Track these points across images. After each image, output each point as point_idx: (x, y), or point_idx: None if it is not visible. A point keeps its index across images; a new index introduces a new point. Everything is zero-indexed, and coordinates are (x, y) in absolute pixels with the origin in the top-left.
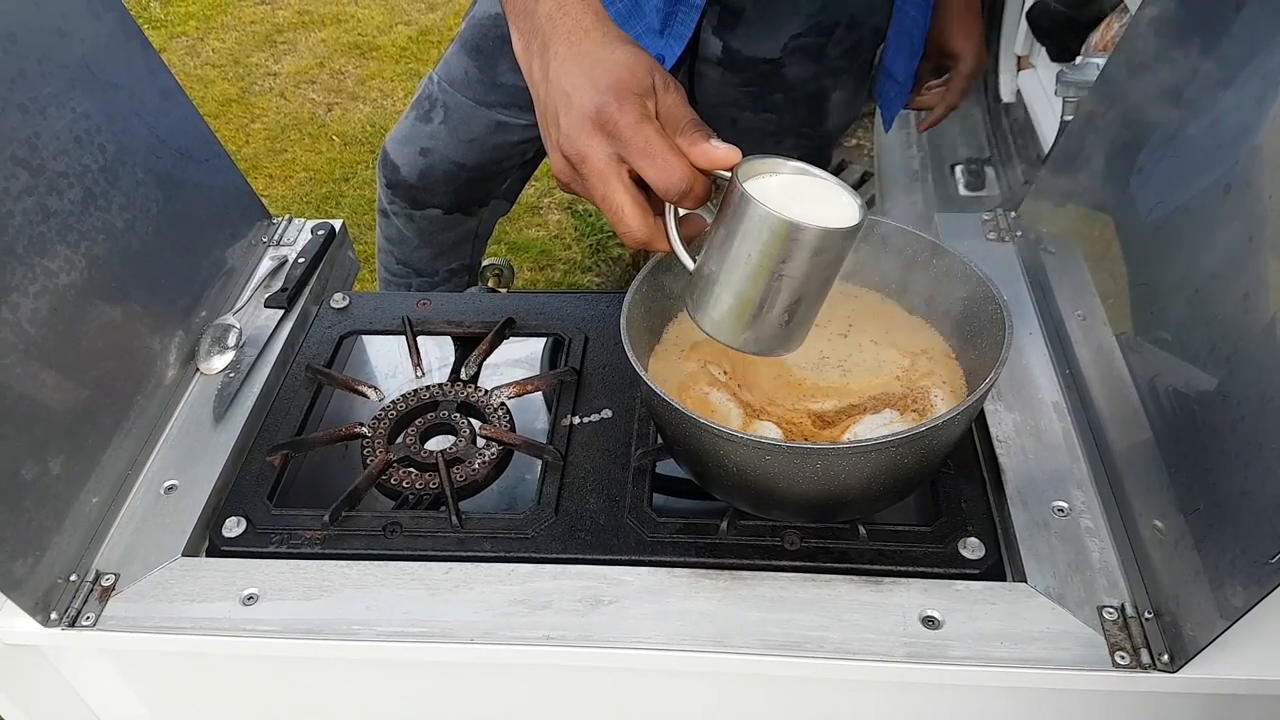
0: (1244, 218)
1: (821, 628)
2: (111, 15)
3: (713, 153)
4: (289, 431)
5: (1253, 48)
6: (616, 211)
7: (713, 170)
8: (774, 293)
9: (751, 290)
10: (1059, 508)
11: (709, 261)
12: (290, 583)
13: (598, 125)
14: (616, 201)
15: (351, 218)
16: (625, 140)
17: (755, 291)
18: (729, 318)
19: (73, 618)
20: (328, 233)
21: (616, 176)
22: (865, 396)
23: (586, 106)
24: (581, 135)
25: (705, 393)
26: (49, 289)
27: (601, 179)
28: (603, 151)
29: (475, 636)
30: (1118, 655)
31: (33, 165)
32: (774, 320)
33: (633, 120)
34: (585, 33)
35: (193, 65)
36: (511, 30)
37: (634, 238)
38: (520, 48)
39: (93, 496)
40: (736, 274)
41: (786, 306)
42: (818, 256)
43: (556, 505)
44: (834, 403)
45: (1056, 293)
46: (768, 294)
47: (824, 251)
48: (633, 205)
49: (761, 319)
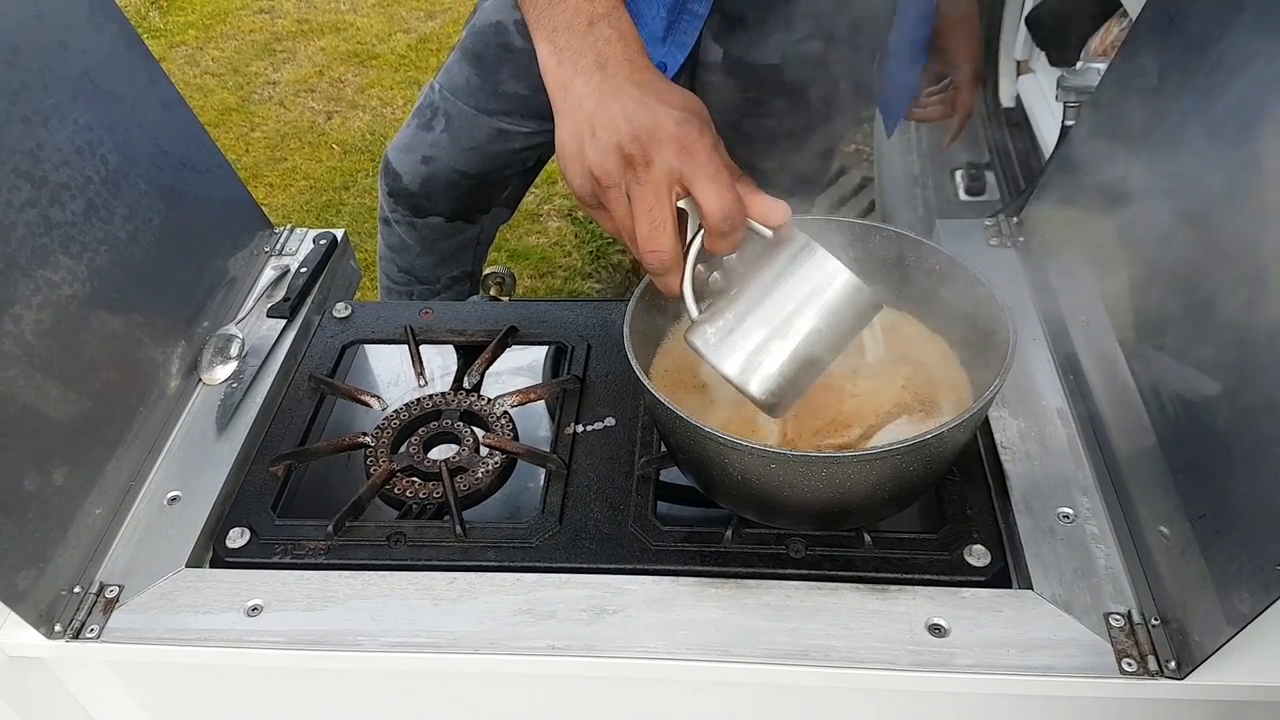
0: (1247, 224)
1: (827, 636)
2: (113, 27)
3: (766, 203)
4: (292, 442)
5: (1253, 51)
6: (659, 226)
7: (757, 220)
8: (813, 347)
9: (803, 345)
10: (1064, 514)
11: (750, 307)
12: (294, 593)
13: (674, 140)
14: (662, 216)
15: (352, 226)
16: (699, 160)
17: (805, 346)
18: (771, 365)
19: (76, 630)
20: (330, 242)
21: (669, 191)
22: (880, 414)
23: (663, 120)
24: (652, 143)
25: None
26: (51, 301)
27: (656, 190)
28: (668, 165)
29: (480, 647)
30: (1125, 662)
31: (35, 177)
32: (803, 375)
33: (710, 145)
34: (647, 67)
35: (192, 74)
36: (542, 43)
37: (660, 260)
38: (553, 61)
39: (96, 508)
40: (789, 324)
41: (815, 361)
42: (856, 318)
43: (560, 514)
44: (857, 431)
45: (1059, 298)
46: (811, 348)
47: (862, 314)
48: (674, 224)
49: (795, 372)
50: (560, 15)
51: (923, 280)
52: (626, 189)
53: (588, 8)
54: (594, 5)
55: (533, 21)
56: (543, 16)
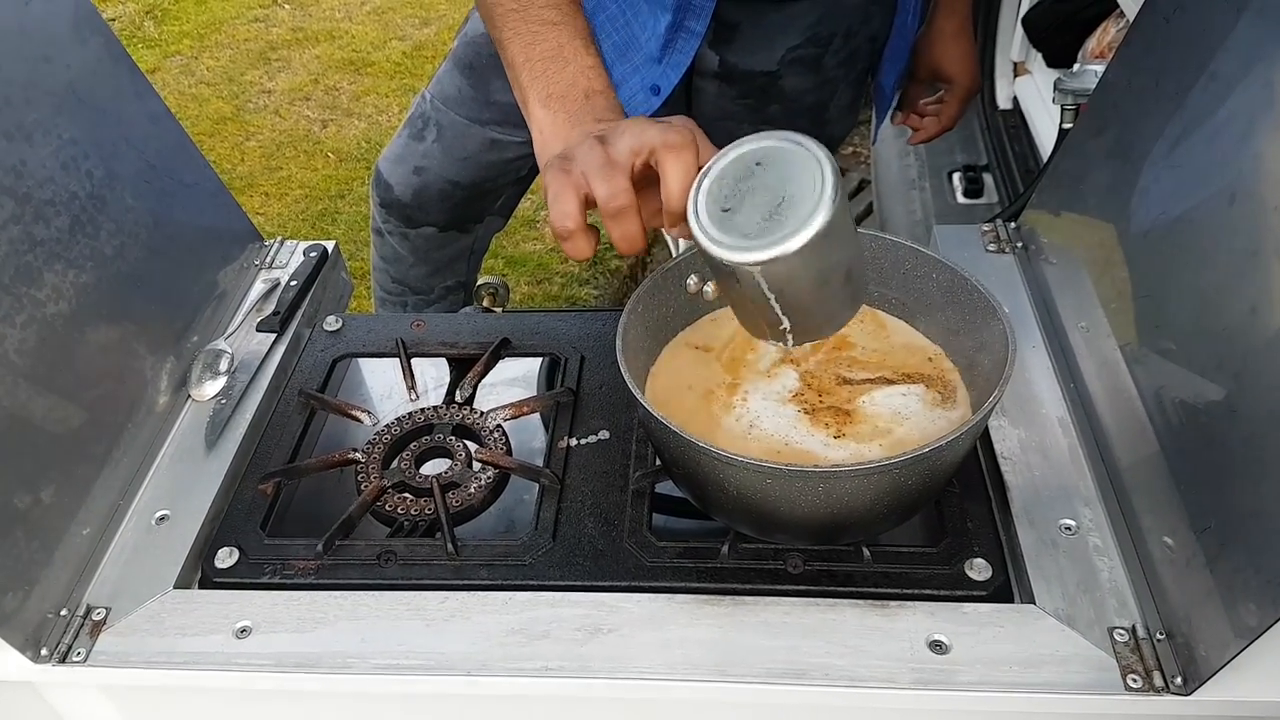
0: (1249, 229)
1: (826, 654)
2: (98, 39)
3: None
4: (281, 458)
5: (1254, 54)
6: (692, 150)
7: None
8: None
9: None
10: (1066, 526)
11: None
12: (283, 614)
13: (652, 124)
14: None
15: (348, 234)
16: (668, 135)
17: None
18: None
19: (63, 653)
20: (320, 254)
21: (629, 159)
22: (898, 373)
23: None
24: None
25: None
26: (36, 318)
27: (682, 131)
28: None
29: (472, 669)
30: (1130, 678)
31: (18, 194)
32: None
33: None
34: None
35: (187, 84)
36: (535, 106)
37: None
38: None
39: (83, 528)
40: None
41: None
42: (813, 262)
43: (554, 530)
44: (864, 375)
45: (1059, 304)
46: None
47: (815, 255)
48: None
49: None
50: (555, 84)
51: (920, 288)
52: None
53: (584, 82)
54: (590, 81)
55: (525, 83)
56: (536, 81)
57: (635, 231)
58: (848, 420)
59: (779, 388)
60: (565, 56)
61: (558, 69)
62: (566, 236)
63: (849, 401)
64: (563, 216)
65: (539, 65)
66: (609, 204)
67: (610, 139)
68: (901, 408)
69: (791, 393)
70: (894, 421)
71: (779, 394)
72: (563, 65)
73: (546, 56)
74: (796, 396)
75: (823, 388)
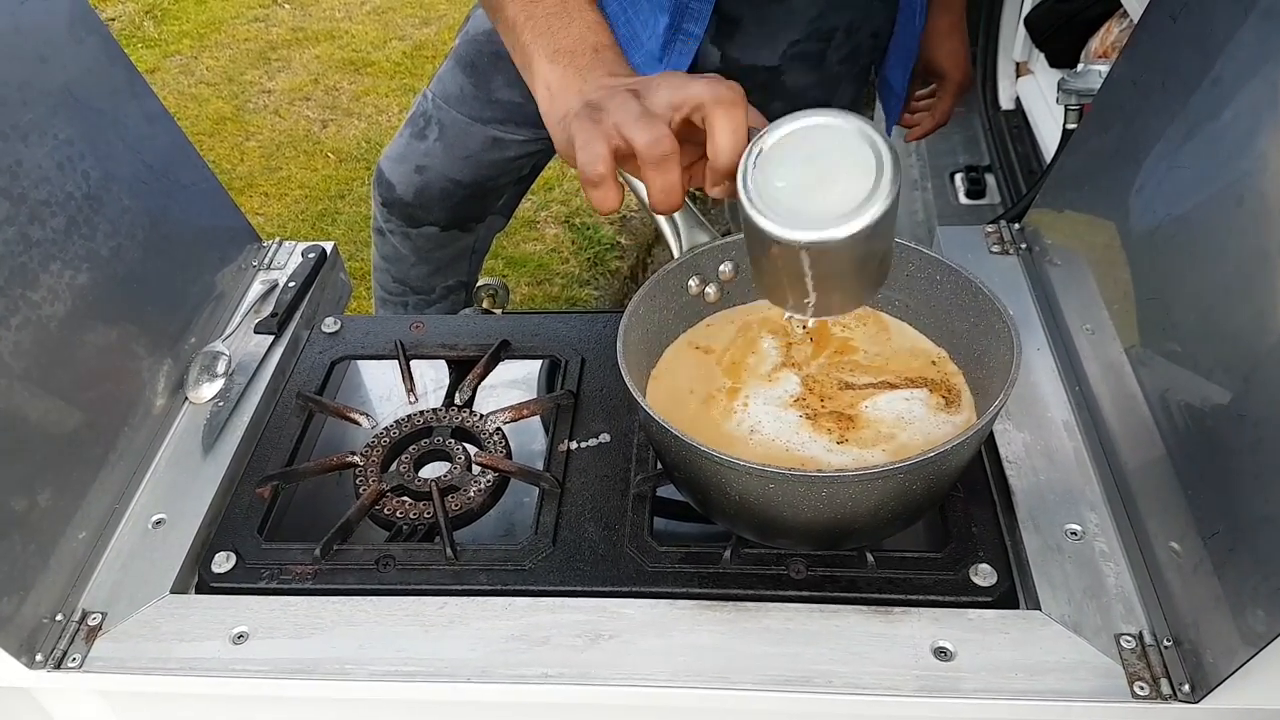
0: (1257, 230)
1: (830, 661)
2: (94, 39)
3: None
4: (279, 462)
5: (1260, 51)
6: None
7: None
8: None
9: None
10: (1072, 530)
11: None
12: (280, 620)
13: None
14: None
15: (348, 234)
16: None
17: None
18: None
19: (59, 659)
20: (318, 256)
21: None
22: (900, 377)
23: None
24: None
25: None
26: (32, 320)
27: (734, 87)
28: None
29: (471, 675)
30: (1137, 686)
31: (13, 194)
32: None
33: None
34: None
35: (187, 84)
36: (541, 61)
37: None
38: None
39: (79, 531)
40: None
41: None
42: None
43: (554, 534)
44: (868, 379)
45: (1063, 306)
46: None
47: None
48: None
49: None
50: (563, 39)
51: (923, 290)
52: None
53: (591, 37)
54: (597, 35)
55: (528, 41)
56: (541, 38)
57: (677, 182)
58: (850, 425)
59: (780, 392)
60: (569, 11)
61: (563, 24)
62: (597, 182)
63: (851, 406)
64: (594, 159)
65: (543, 22)
66: (652, 150)
67: (645, 93)
68: (905, 412)
69: (793, 397)
70: (897, 426)
71: (780, 399)
72: (568, 20)
73: (550, 13)
74: (798, 401)
75: (824, 392)
